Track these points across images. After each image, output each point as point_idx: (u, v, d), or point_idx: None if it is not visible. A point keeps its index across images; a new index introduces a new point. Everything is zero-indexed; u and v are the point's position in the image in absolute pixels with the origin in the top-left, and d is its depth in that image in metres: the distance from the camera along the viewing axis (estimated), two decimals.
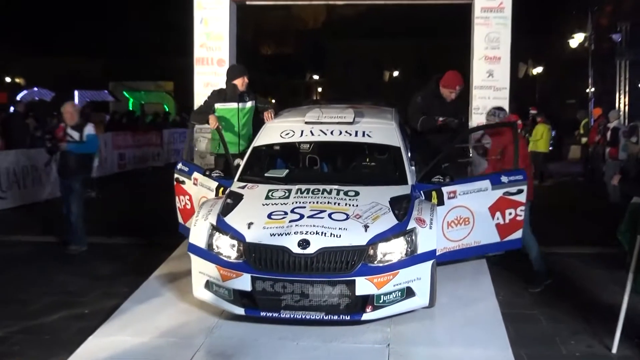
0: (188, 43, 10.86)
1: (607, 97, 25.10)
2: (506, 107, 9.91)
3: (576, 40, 27.98)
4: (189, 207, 7.96)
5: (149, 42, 43.48)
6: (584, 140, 19.24)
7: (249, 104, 8.53)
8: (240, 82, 8.46)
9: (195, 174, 7.91)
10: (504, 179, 7.26)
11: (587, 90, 27.47)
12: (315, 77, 58.34)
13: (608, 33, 25.76)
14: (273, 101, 8.86)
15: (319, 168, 8.03)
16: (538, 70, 39.02)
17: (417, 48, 52.76)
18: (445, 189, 7.10)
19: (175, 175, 8.29)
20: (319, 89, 60.37)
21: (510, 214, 7.27)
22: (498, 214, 7.28)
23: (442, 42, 46.41)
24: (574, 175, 18.99)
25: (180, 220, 8.19)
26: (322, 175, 7.81)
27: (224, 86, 8.64)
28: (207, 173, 7.50)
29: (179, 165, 8.39)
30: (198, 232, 6.14)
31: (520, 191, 7.24)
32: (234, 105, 8.41)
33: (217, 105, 8.38)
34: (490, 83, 9.95)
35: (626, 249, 5.70)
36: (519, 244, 7.41)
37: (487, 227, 7.29)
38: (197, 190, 7.87)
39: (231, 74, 8.59)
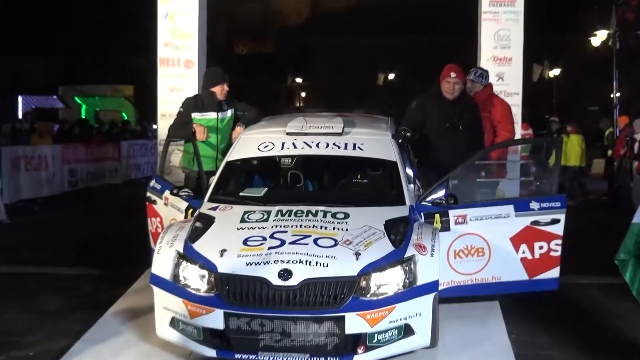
0: (151, 41, 10.88)
1: (636, 102, 25.30)
2: (519, 116, 9.94)
3: (598, 38, 28.25)
4: (160, 230, 7.93)
5: (105, 39, 43.47)
6: (608, 152, 19.35)
7: (228, 113, 8.54)
8: (220, 90, 8.45)
9: (167, 193, 7.92)
10: (534, 205, 7.16)
11: (612, 95, 27.69)
12: (299, 80, 58.55)
13: (635, 29, 26.04)
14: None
15: (302, 186, 8.03)
16: (555, 72, 39.33)
17: (415, 47, 53.04)
18: (452, 212, 7.10)
19: (147, 194, 8.30)
20: (303, 94, 60.54)
21: (541, 247, 7.18)
22: (524, 247, 7.18)
23: (444, 41, 46.66)
24: (598, 193, 19.08)
25: (152, 245, 8.17)
26: (307, 194, 7.81)
27: (195, 92, 8.64)
28: (175, 191, 7.49)
29: (152, 182, 8.40)
30: (162, 261, 6.12)
31: (555, 221, 7.14)
32: (212, 115, 8.40)
33: (195, 115, 8.36)
34: (500, 88, 9.96)
35: (626, 279, 5.72)
36: (554, 284, 7.33)
37: (508, 262, 7.20)
38: (168, 211, 7.87)
39: (209, 80, 8.57)
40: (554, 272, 7.27)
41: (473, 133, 8.35)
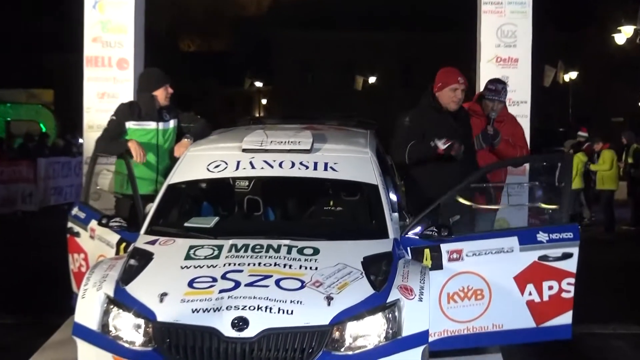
0: (76, 36, 10.86)
1: None
2: (527, 130, 9.95)
3: (623, 34, 28.59)
4: (84, 269, 7.88)
5: (19, 32, 43.31)
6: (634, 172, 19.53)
7: (171, 124, 8.53)
8: (163, 94, 8.43)
9: (93, 223, 7.86)
10: (542, 236, 7.16)
11: (639, 104, 27.98)
12: (258, 84, 58.63)
13: None
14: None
15: (262, 215, 8.05)
16: (571, 76, 39.68)
17: (402, 45, 53.38)
18: (444, 247, 7.09)
19: (69, 225, 8.25)
20: (263, 101, 60.64)
21: (550, 288, 7.17)
22: (530, 288, 7.17)
23: (437, 38, 47.08)
24: (622, 222, 19.24)
25: (75, 288, 8.12)
26: (267, 225, 7.85)
27: (131, 98, 8.63)
28: (104, 221, 7.42)
29: (74, 210, 8.35)
30: (87, 307, 6.07)
31: (567, 255, 7.13)
32: (152, 125, 8.38)
33: (130, 125, 8.34)
34: None
35: None
36: (567, 332, 7.31)
37: (512, 306, 7.20)
38: (94, 245, 7.83)
39: (148, 83, 8.56)
40: (566, 318, 7.26)
41: (469, 150, 8.29)
